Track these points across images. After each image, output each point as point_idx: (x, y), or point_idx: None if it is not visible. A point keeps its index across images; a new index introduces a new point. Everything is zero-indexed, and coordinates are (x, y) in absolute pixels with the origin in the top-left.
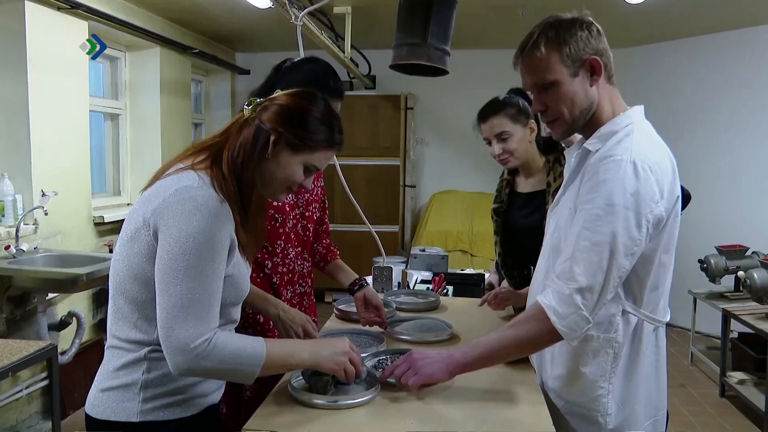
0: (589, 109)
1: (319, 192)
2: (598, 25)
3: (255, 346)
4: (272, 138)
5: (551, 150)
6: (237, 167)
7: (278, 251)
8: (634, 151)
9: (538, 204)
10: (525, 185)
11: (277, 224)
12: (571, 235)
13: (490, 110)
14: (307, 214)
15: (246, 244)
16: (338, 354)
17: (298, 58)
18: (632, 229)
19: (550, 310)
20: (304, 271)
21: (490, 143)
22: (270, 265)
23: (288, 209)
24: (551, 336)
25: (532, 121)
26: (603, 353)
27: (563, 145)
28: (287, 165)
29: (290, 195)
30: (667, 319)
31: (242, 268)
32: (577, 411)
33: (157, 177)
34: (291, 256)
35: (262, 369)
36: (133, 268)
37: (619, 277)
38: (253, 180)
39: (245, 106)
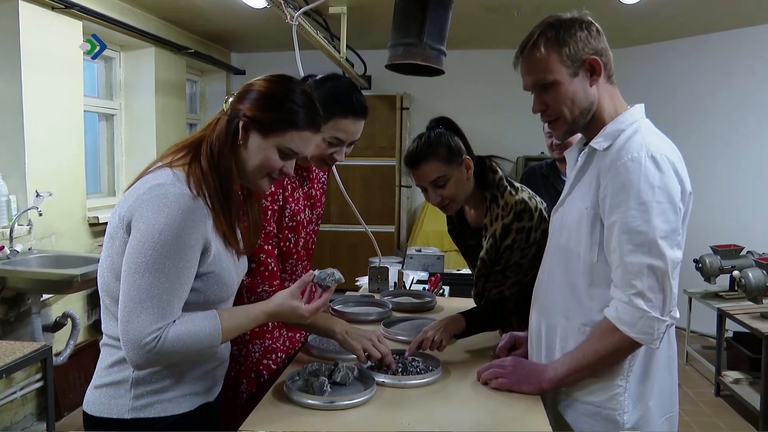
0: (589, 108)
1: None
2: (597, 25)
3: (210, 330)
4: (241, 123)
5: (485, 183)
6: (214, 159)
7: (288, 269)
8: (649, 145)
9: (480, 240)
10: (470, 215)
11: (290, 245)
12: (612, 243)
13: (419, 156)
14: (316, 228)
15: (231, 237)
16: (294, 316)
17: (320, 76)
18: (671, 221)
19: (617, 321)
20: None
21: (425, 190)
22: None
23: (300, 228)
24: (629, 345)
25: (467, 156)
26: None
27: (500, 174)
28: (260, 150)
29: (307, 211)
30: (678, 315)
31: (227, 264)
32: (593, 411)
33: (140, 177)
34: (299, 271)
35: (220, 343)
36: (114, 267)
37: (674, 270)
38: (230, 170)
39: (225, 101)
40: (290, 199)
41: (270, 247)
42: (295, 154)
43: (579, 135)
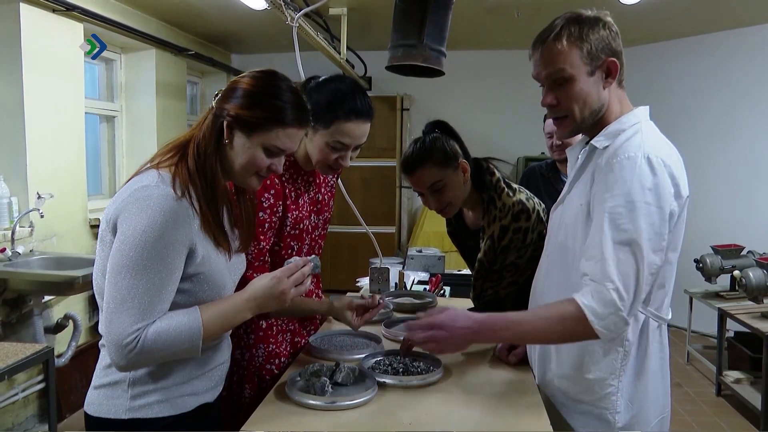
0: (598, 111)
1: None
2: (616, 27)
3: (191, 326)
4: (225, 123)
5: (482, 186)
6: (201, 159)
7: None
8: (647, 146)
9: (478, 242)
10: (469, 217)
11: (293, 252)
12: (594, 236)
13: (415, 162)
14: (323, 232)
15: (220, 237)
16: (274, 292)
17: (323, 78)
18: (656, 224)
19: (589, 310)
20: (311, 286)
21: (423, 195)
22: None
23: (304, 236)
24: (586, 335)
25: (463, 160)
26: (613, 351)
27: (497, 176)
28: (245, 149)
29: (312, 217)
30: (669, 317)
31: (217, 264)
32: (585, 409)
33: (130, 179)
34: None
35: (203, 340)
36: (104, 270)
37: (651, 274)
38: (215, 169)
39: (214, 98)
40: (292, 207)
41: (260, 263)
42: (281, 152)
43: (580, 135)
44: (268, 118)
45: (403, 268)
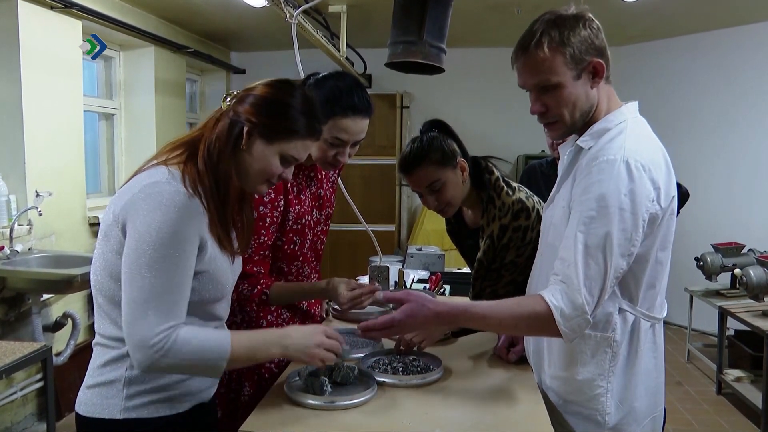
0: (589, 111)
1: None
2: (597, 21)
3: (220, 341)
4: (246, 129)
5: (481, 185)
6: (213, 160)
7: (293, 271)
8: (627, 149)
9: (478, 240)
10: (468, 216)
11: (296, 247)
12: (567, 237)
13: (412, 162)
14: (325, 228)
15: (225, 239)
16: (310, 347)
17: (323, 74)
18: (628, 230)
19: (557, 311)
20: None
21: (421, 195)
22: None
23: (307, 231)
24: (550, 333)
25: (461, 159)
26: (601, 352)
27: (496, 175)
28: (262, 156)
29: (314, 212)
30: (664, 315)
31: (221, 264)
32: (576, 410)
33: (134, 174)
34: (306, 272)
35: (228, 364)
36: (108, 266)
37: (615, 278)
38: (229, 173)
39: (223, 100)
40: (294, 202)
41: (260, 257)
42: (295, 161)
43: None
44: (289, 129)
45: (403, 266)
